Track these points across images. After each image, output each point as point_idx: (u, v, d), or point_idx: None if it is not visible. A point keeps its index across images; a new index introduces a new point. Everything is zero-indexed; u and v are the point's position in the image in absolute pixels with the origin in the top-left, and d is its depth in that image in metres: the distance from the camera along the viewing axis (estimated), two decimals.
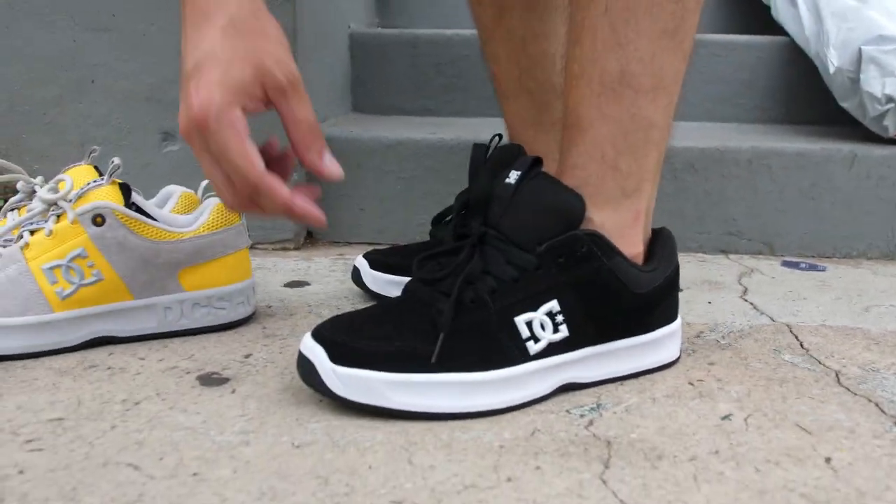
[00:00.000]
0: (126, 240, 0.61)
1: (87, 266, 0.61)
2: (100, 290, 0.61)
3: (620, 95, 0.54)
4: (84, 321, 0.61)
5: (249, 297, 0.70)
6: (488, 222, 0.54)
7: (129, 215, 0.62)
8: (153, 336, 0.64)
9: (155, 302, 0.64)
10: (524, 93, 0.77)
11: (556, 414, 0.51)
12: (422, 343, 0.50)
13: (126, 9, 0.97)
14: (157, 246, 0.63)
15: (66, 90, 0.99)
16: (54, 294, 0.60)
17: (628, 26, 0.53)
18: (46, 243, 0.61)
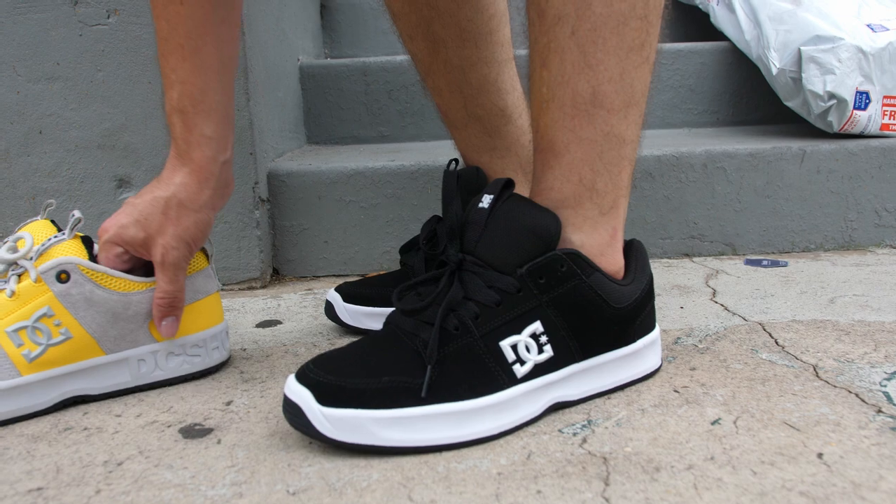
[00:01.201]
0: (93, 294, 0.59)
1: (54, 325, 0.59)
2: (69, 349, 0.59)
3: (593, 116, 0.54)
4: (54, 382, 0.59)
5: (223, 342, 0.68)
6: (465, 248, 0.54)
7: (94, 269, 0.60)
8: (128, 391, 0.62)
9: (127, 356, 0.62)
10: (473, 120, 0.77)
11: (548, 434, 0.51)
12: (409, 376, 0.50)
13: (70, 57, 0.95)
14: (127, 298, 0.61)
15: (13, 143, 0.96)
16: (20, 357, 0.58)
17: (596, 47, 0.53)
18: (9, 305, 0.58)
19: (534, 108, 0.57)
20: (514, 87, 0.79)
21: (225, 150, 0.63)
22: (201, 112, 0.61)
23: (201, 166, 0.61)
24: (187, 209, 0.60)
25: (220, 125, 0.62)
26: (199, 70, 0.60)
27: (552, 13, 0.54)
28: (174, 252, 0.60)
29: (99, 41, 0.95)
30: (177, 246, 0.60)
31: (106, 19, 0.95)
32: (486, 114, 0.77)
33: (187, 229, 0.60)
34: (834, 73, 1.02)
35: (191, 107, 0.61)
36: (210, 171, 0.61)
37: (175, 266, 0.60)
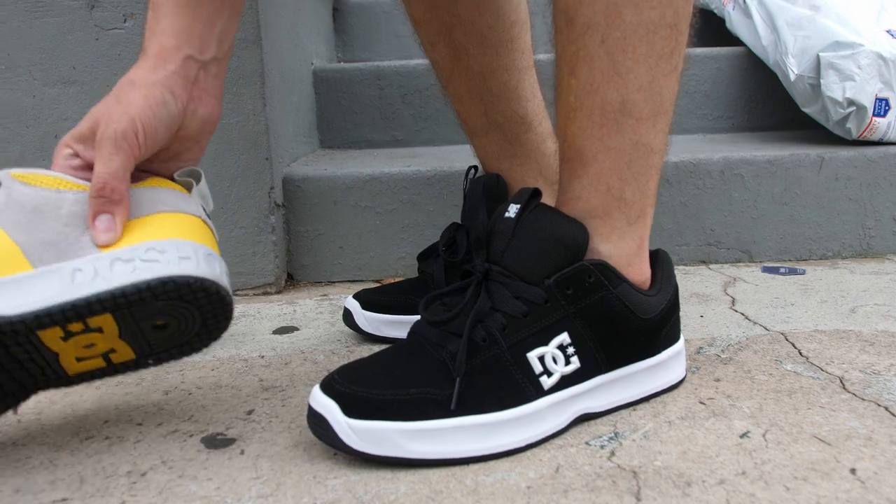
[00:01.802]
0: (19, 193, 0.48)
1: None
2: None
3: (622, 125, 0.54)
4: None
5: (201, 258, 0.50)
6: (491, 258, 0.54)
7: (25, 172, 0.49)
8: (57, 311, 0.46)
9: (61, 267, 0.47)
10: (493, 127, 0.77)
11: (576, 447, 0.51)
12: (436, 388, 0.49)
13: (86, 61, 0.95)
14: (59, 195, 0.48)
15: (29, 147, 0.96)
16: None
17: (626, 55, 0.53)
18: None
19: (561, 117, 0.57)
20: (534, 95, 0.78)
21: (198, 48, 0.54)
22: (171, 4, 0.53)
23: (158, 52, 0.53)
24: (135, 85, 0.52)
25: (195, 19, 0.54)
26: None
27: (581, 21, 0.53)
28: (112, 125, 0.49)
29: (115, 45, 0.95)
30: (117, 119, 0.50)
31: (122, 23, 0.95)
32: (507, 121, 0.77)
33: (132, 103, 0.51)
34: (853, 79, 1.02)
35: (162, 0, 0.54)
36: (168, 57, 0.53)
37: (112, 141, 0.49)
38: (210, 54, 0.55)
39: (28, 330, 0.46)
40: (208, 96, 0.55)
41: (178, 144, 0.54)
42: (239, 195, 0.96)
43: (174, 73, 0.53)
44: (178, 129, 0.53)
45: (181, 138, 0.54)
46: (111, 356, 0.52)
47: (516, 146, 0.77)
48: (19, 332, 0.46)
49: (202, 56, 0.54)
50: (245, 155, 0.95)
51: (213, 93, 0.56)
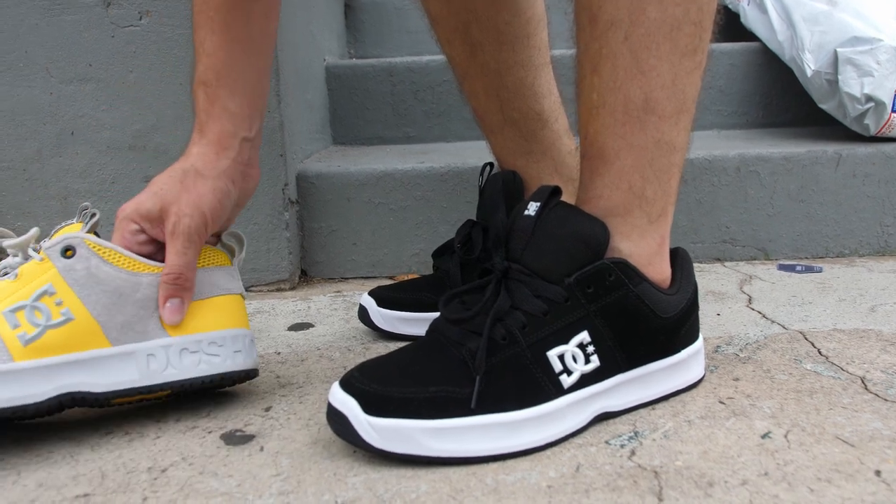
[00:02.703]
0: (99, 270, 0.53)
1: (55, 304, 0.52)
2: (69, 334, 0.52)
3: (645, 123, 0.53)
4: (51, 372, 0.51)
5: (248, 348, 0.60)
6: (511, 256, 0.54)
7: (102, 245, 0.54)
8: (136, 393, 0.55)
9: (135, 349, 0.54)
10: (509, 124, 0.77)
11: (595, 446, 0.51)
12: (456, 386, 0.49)
13: (102, 58, 0.95)
14: (136, 278, 0.54)
15: (46, 144, 0.97)
16: (15, 339, 0.51)
17: (650, 52, 0.52)
18: (10, 287, 0.53)
19: (583, 115, 0.57)
20: (550, 92, 0.78)
21: (248, 128, 0.60)
22: (224, 86, 0.59)
23: (220, 138, 0.58)
24: (203, 176, 0.57)
25: (244, 102, 0.59)
26: (227, 44, 0.59)
27: (605, 18, 0.53)
28: (186, 219, 0.55)
29: (131, 42, 0.95)
30: (190, 213, 0.55)
31: (138, 21, 0.95)
32: (522, 117, 0.76)
33: (202, 196, 0.56)
34: (872, 74, 1.01)
35: (214, 79, 0.59)
36: (228, 143, 0.58)
37: (186, 236, 0.55)
38: (255, 128, 0.61)
39: (106, 400, 0.55)
40: (254, 170, 0.62)
41: (234, 213, 0.61)
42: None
43: (234, 161, 0.59)
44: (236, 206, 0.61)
45: (236, 206, 0.62)
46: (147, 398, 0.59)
47: (532, 143, 0.77)
48: (101, 401, 0.55)
49: (251, 133, 0.60)
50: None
51: (255, 162, 0.63)
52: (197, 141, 0.59)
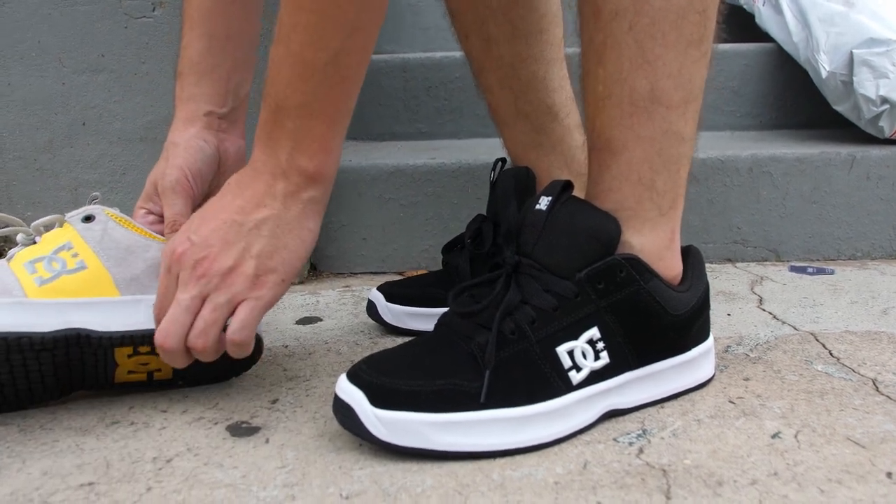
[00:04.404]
0: (114, 231, 0.58)
1: (71, 256, 0.57)
2: (82, 281, 0.56)
3: (652, 114, 0.53)
4: (60, 309, 0.55)
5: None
6: (521, 251, 0.53)
7: (119, 215, 0.60)
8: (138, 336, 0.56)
9: (142, 299, 0.58)
10: (521, 117, 0.77)
11: (603, 444, 0.50)
12: (464, 380, 0.49)
13: (115, 49, 0.95)
14: (146, 241, 0.59)
15: (57, 134, 0.97)
16: (31, 281, 0.55)
17: (655, 42, 0.52)
18: (32, 248, 0.58)
19: (589, 108, 0.56)
20: (562, 87, 0.78)
21: (216, 105, 0.65)
22: (193, 74, 0.64)
23: (187, 115, 0.63)
24: (176, 144, 0.62)
25: (212, 86, 0.64)
26: (202, 38, 0.64)
27: (609, 9, 0.53)
28: (167, 177, 0.60)
29: (143, 34, 0.95)
30: (169, 172, 0.60)
31: (151, 12, 0.95)
32: (534, 110, 0.77)
33: (177, 156, 0.61)
34: (888, 76, 0.99)
35: (187, 70, 0.64)
36: (194, 116, 0.63)
37: (170, 188, 0.60)
38: (228, 106, 0.65)
39: (111, 345, 0.56)
40: (233, 136, 0.66)
41: (223, 179, 0.61)
42: None
43: (202, 128, 0.63)
44: (218, 165, 0.64)
45: (222, 173, 0.64)
46: (154, 374, 0.60)
47: (543, 136, 0.77)
48: (104, 346, 0.56)
49: (221, 109, 0.65)
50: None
51: (237, 132, 0.67)
52: (172, 125, 0.65)
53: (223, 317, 0.52)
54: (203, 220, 0.54)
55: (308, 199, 0.53)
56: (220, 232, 0.52)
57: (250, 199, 0.53)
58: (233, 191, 0.54)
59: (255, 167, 0.53)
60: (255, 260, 0.52)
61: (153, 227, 0.61)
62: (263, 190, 0.53)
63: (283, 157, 0.52)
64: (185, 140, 0.63)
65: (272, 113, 0.52)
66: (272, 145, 0.52)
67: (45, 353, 0.54)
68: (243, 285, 0.52)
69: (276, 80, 0.51)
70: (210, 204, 0.55)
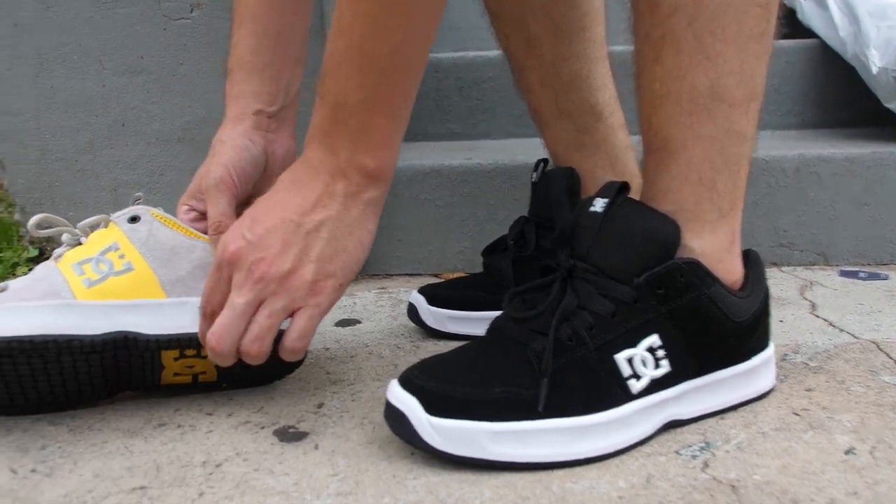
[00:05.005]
0: (159, 232, 0.58)
1: (118, 258, 0.57)
2: (129, 283, 0.56)
3: (713, 111, 0.51)
4: (108, 311, 0.55)
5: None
6: (576, 254, 0.52)
7: (165, 215, 0.59)
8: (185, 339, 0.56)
9: (188, 301, 0.57)
10: (563, 116, 0.76)
11: (665, 456, 0.48)
12: (520, 387, 0.47)
13: (154, 50, 0.95)
14: (192, 241, 0.59)
15: (97, 135, 0.97)
16: (80, 283, 0.55)
17: (715, 37, 0.50)
18: (79, 249, 0.58)
19: (645, 106, 0.55)
20: (605, 85, 0.77)
21: (265, 103, 0.63)
22: (244, 70, 0.63)
23: (236, 114, 0.62)
24: (222, 142, 0.61)
25: (262, 84, 0.63)
26: (251, 35, 0.63)
27: (667, 3, 0.51)
28: (212, 175, 0.59)
29: (182, 35, 0.95)
30: (214, 169, 0.59)
31: (189, 13, 0.95)
32: (577, 109, 0.75)
33: (222, 154, 0.60)
34: None
35: (236, 66, 0.63)
36: (243, 114, 0.62)
37: (213, 186, 0.59)
38: (278, 105, 0.64)
39: (157, 347, 0.55)
40: (283, 137, 0.64)
41: (268, 181, 0.59)
42: None
43: (250, 127, 0.62)
44: (264, 167, 0.62)
45: (269, 176, 0.61)
46: (199, 377, 0.59)
47: (586, 136, 0.76)
48: (151, 349, 0.55)
49: (271, 108, 0.63)
50: None
51: (286, 133, 0.65)
52: (221, 124, 0.64)
53: (279, 323, 0.51)
54: (257, 217, 0.52)
55: (368, 199, 0.52)
56: (278, 232, 0.50)
57: (308, 199, 0.51)
58: (288, 188, 0.52)
59: (312, 165, 0.52)
60: (315, 264, 0.51)
61: (196, 225, 0.61)
62: (322, 189, 0.51)
63: (344, 155, 0.50)
64: (231, 138, 0.62)
65: (331, 109, 0.50)
66: (330, 143, 0.51)
67: (94, 356, 0.54)
68: (302, 291, 0.50)
69: (335, 75, 0.50)
70: (263, 201, 0.53)
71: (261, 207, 0.53)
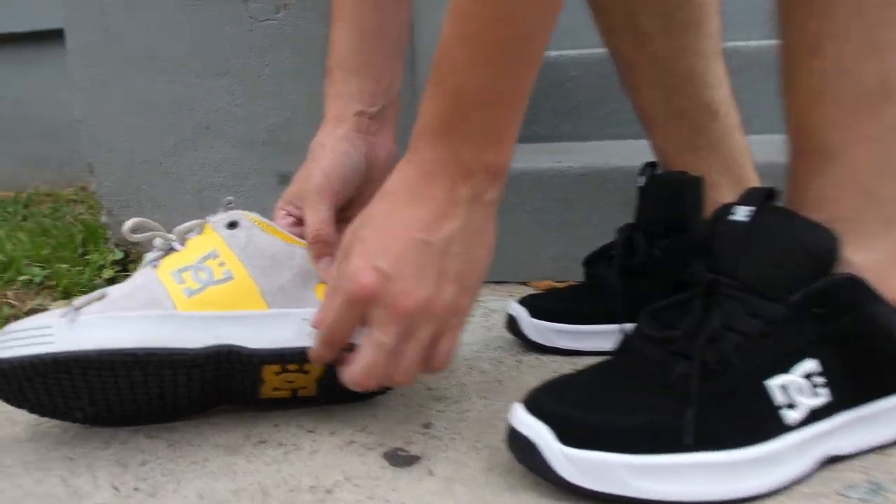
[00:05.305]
0: (259, 238, 0.56)
1: (218, 265, 0.55)
2: (230, 292, 0.54)
3: (881, 110, 0.46)
4: (210, 323, 0.53)
5: None
6: (717, 268, 0.47)
7: (263, 220, 0.57)
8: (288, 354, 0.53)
9: (290, 312, 0.55)
10: (675, 116, 0.71)
11: (829, 498, 0.43)
12: (664, 415, 0.43)
13: (239, 52, 0.94)
14: (291, 248, 0.56)
15: (183, 138, 0.96)
16: (180, 293, 0.53)
17: (886, 27, 0.45)
18: (177, 255, 0.56)
19: (797, 105, 0.49)
20: (721, 82, 0.72)
21: (367, 104, 0.61)
22: (343, 69, 0.60)
23: (335, 115, 0.60)
24: (323, 146, 0.59)
25: (364, 83, 0.61)
26: (351, 31, 0.60)
27: None
28: (311, 181, 0.57)
29: (267, 36, 0.93)
30: (314, 175, 0.57)
31: (275, 14, 0.93)
32: (691, 108, 0.71)
33: (322, 158, 0.58)
34: None
35: (336, 66, 0.61)
36: (343, 116, 0.60)
37: (314, 193, 0.56)
38: (379, 105, 0.61)
39: (260, 362, 0.53)
40: (384, 139, 0.62)
41: (371, 187, 0.57)
42: None
43: (351, 129, 0.59)
44: (365, 172, 0.60)
45: (370, 180, 0.59)
46: (299, 392, 0.56)
47: (700, 137, 0.71)
48: (254, 364, 0.53)
49: (372, 108, 0.60)
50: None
51: (388, 134, 0.62)
52: (321, 125, 0.61)
53: (427, 351, 0.49)
54: (381, 239, 0.47)
55: (490, 200, 0.48)
56: (410, 256, 0.46)
57: (431, 210, 0.46)
58: (404, 199, 0.48)
59: (427, 169, 0.47)
60: (453, 285, 0.47)
61: (293, 230, 0.58)
62: (443, 196, 0.47)
63: (468, 153, 0.46)
64: (331, 142, 0.59)
65: (450, 102, 0.46)
66: (450, 141, 0.46)
67: (195, 370, 0.52)
68: (444, 314, 0.48)
69: (454, 65, 0.45)
70: (379, 217, 0.48)
71: (378, 225, 0.48)
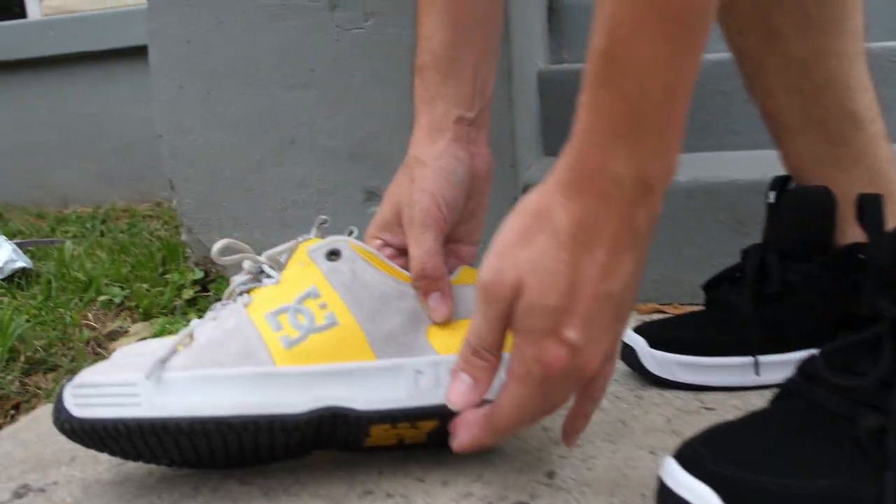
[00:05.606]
0: (365, 273, 0.49)
1: (319, 307, 0.48)
2: (333, 341, 0.47)
3: None
4: (311, 381, 0.47)
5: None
6: None
7: (367, 249, 0.50)
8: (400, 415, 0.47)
9: (402, 363, 0.48)
10: (812, 125, 0.63)
11: None
12: (853, 479, 0.35)
13: (325, 63, 0.90)
14: (401, 286, 0.50)
15: (267, 153, 0.93)
16: (278, 342, 0.47)
17: None
18: (272, 291, 0.49)
19: None
20: (866, 88, 0.64)
21: (466, 107, 0.54)
22: (438, 69, 0.54)
23: (432, 122, 0.54)
24: (422, 163, 0.52)
25: (461, 84, 0.55)
26: (446, 26, 0.54)
27: None
28: (415, 206, 0.50)
29: (355, 46, 0.90)
30: (417, 198, 0.51)
31: (363, 23, 0.89)
32: (831, 116, 0.63)
33: (425, 179, 0.51)
34: None
35: (430, 63, 0.54)
36: (442, 125, 0.54)
37: (419, 220, 0.50)
38: (477, 109, 0.55)
39: (368, 423, 0.47)
40: (482, 147, 0.56)
41: (473, 202, 0.54)
42: None
43: (451, 140, 0.53)
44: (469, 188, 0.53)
45: (473, 194, 0.54)
46: (406, 440, 0.51)
47: (841, 148, 0.63)
48: (361, 425, 0.47)
49: (470, 113, 0.54)
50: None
51: (483, 142, 0.56)
52: (414, 132, 0.55)
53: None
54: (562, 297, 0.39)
55: (657, 219, 0.40)
56: (597, 317, 0.39)
57: (610, 248, 0.38)
58: (575, 236, 0.38)
59: (595, 190, 0.38)
60: (622, 324, 0.42)
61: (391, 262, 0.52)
62: (620, 227, 0.38)
63: (648, 166, 0.37)
64: (433, 157, 0.52)
65: (626, 101, 0.37)
66: (630, 152, 0.37)
67: (295, 433, 0.46)
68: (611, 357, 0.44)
69: (633, 51, 0.36)
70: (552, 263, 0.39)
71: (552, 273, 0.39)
